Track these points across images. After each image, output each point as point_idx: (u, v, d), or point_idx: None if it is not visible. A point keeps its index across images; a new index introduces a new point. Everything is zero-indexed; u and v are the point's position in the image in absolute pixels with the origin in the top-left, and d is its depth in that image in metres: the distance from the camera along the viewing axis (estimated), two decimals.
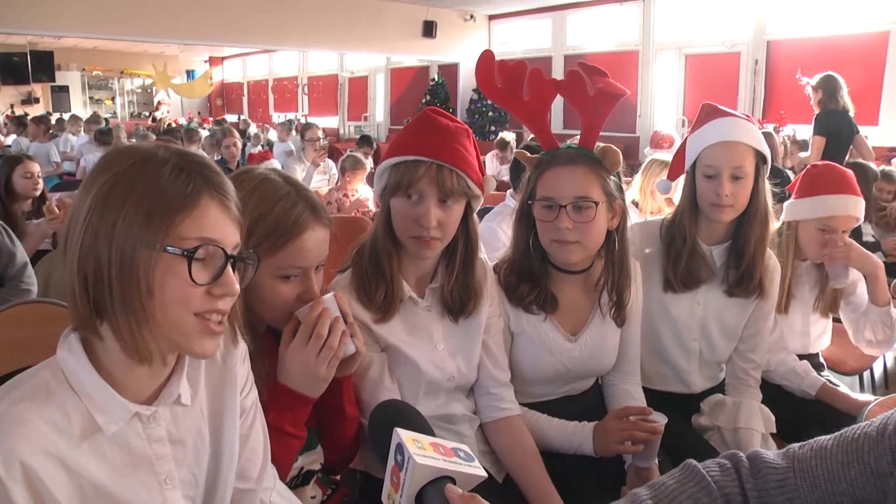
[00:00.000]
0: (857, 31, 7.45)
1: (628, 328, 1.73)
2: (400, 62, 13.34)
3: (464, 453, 0.94)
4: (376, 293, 1.42)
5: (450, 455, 0.92)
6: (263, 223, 1.19)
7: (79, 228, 0.85)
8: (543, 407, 1.67)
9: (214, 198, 0.89)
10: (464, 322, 1.53)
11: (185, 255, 0.85)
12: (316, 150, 6.11)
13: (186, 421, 0.99)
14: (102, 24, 8.49)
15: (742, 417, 1.81)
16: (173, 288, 0.86)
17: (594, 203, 1.51)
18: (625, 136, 9.26)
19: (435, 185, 1.36)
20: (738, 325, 1.90)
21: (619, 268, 1.62)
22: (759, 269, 1.81)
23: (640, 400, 1.75)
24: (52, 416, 0.86)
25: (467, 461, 0.93)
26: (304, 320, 1.18)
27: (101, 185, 0.85)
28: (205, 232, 0.87)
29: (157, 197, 0.85)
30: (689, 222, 1.81)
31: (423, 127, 1.41)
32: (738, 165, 1.72)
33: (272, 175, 1.28)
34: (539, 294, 1.62)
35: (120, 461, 0.91)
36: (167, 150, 0.90)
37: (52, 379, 0.88)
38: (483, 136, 10.67)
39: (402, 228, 1.40)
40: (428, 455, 0.89)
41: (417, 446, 0.89)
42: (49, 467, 0.84)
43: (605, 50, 10.07)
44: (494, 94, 1.58)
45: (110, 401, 0.89)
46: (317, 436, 1.35)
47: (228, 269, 0.90)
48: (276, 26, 9.76)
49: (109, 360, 0.90)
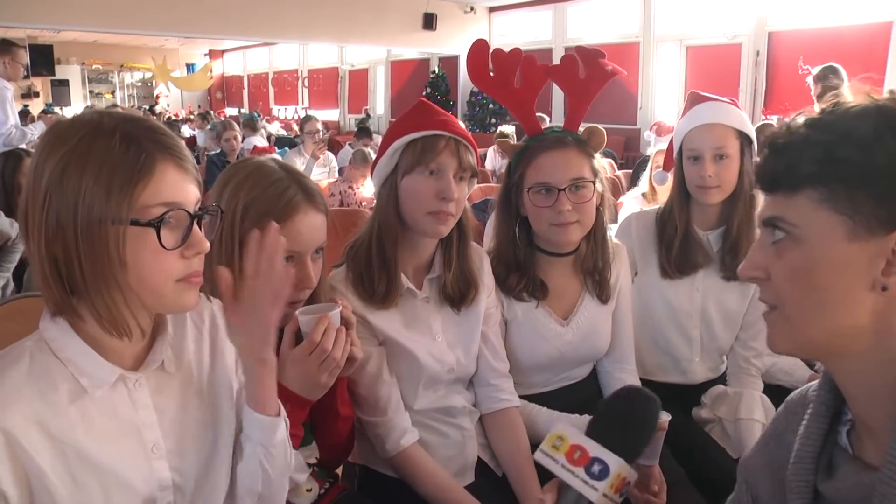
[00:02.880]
0: (860, 22, 7.42)
1: (618, 311, 1.74)
2: (400, 55, 13.30)
3: (598, 466, 0.94)
4: (378, 284, 1.42)
5: (580, 464, 0.94)
6: (255, 206, 1.20)
7: (38, 215, 0.85)
8: (542, 398, 1.67)
9: (169, 160, 0.88)
10: (464, 312, 1.53)
11: (154, 225, 0.86)
12: (315, 143, 6.10)
13: (170, 389, 0.99)
14: (102, 17, 8.46)
15: (743, 408, 1.81)
16: (147, 258, 0.86)
17: (590, 182, 1.55)
18: (625, 127, 9.24)
19: (456, 159, 1.39)
20: (739, 312, 1.90)
21: (601, 245, 1.66)
22: (746, 249, 1.80)
23: None
24: (38, 383, 0.86)
25: (595, 477, 0.93)
26: (309, 334, 1.18)
27: (53, 168, 0.84)
28: (166, 197, 0.87)
29: (112, 170, 0.84)
30: (679, 208, 1.83)
31: (430, 110, 1.44)
32: (719, 146, 1.74)
33: (268, 162, 1.28)
34: (528, 281, 1.63)
35: (107, 428, 0.91)
36: (111, 118, 0.88)
37: (35, 348, 0.89)
38: (484, 129, 10.65)
39: (419, 204, 1.39)
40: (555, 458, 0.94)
41: (553, 446, 0.95)
42: (31, 434, 0.84)
43: (606, 41, 10.00)
44: (486, 84, 1.60)
45: (94, 364, 0.89)
46: (311, 432, 1.36)
47: (195, 228, 0.91)
48: (276, 19, 9.73)
49: (91, 332, 0.90)
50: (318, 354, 1.17)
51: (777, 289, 0.82)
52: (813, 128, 0.79)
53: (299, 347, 1.19)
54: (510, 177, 1.63)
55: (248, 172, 1.24)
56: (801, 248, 0.79)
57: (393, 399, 1.44)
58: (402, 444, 1.43)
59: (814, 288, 0.78)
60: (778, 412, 1.02)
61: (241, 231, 1.19)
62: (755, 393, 1.86)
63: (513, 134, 7.22)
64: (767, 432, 1.03)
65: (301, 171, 1.35)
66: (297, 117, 12.13)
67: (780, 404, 1.85)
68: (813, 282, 0.78)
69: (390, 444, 1.43)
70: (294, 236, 1.21)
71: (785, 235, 0.80)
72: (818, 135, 0.78)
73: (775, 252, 0.81)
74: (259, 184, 1.22)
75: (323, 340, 1.17)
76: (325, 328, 1.18)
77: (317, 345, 1.17)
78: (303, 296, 1.26)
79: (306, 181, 1.28)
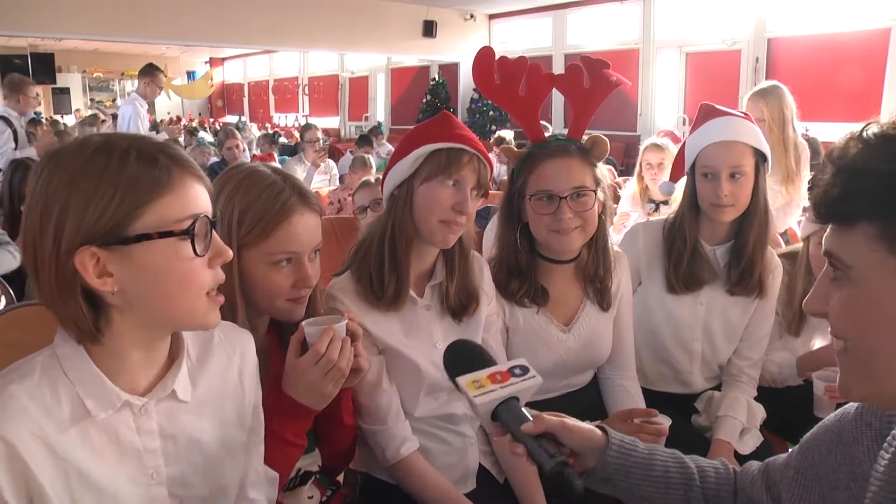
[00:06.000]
0: (858, 29, 7.43)
1: (619, 318, 1.74)
2: (400, 62, 13.33)
3: (519, 369, 1.03)
4: (388, 286, 1.42)
5: (506, 378, 1.01)
6: (252, 211, 1.20)
7: (49, 246, 0.84)
8: (544, 405, 1.65)
9: (188, 171, 0.89)
10: (465, 321, 1.53)
11: (188, 233, 0.87)
12: (316, 151, 6.10)
13: (183, 417, 0.98)
14: (103, 26, 8.49)
15: (723, 406, 1.81)
16: (180, 269, 0.87)
17: (592, 191, 1.55)
18: (626, 134, 9.25)
19: (476, 175, 1.40)
20: (741, 326, 1.89)
21: (602, 253, 1.66)
22: (759, 266, 1.80)
23: (636, 396, 1.75)
24: (44, 399, 0.86)
25: (522, 376, 1.02)
26: (315, 344, 1.18)
27: (68, 186, 0.83)
28: (193, 208, 0.88)
29: (134, 187, 0.84)
30: (689, 223, 1.81)
31: (455, 123, 1.45)
32: (736, 165, 1.72)
33: (261, 167, 1.29)
34: (529, 287, 1.64)
35: (107, 450, 0.91)
36: (121, 137, 0.88)
37: (47, 363, 0.89)
38: (484, 136, 10.65)
39: (434, 212, 1.40)
40: (487, 390, 0.99)
41: (476, 386, 1.00)
42: (34, 449, 0.84)
43: (606, 48, 10.04)
44: (491, 91, 1.60)
45: (101, 387, 0.89)
46: (315, 439, 1.36)
47: (215, 234, 0.92)
48: (277, 27, 9.75)
49: (104, 351, 0.90)
50: (324, 365, 1.17)
51: (838, 327, 0.76)
52: (874, 151, 0.70)
53: (304, 357, 1.19)
54: (513, 183, 1.63)
55: (242, 178, 1.24)
56: (857, 290, 0.72)
57: (393, 408, 1.44)
58: (402, 453, 1.43)
59: (874, 331, 0.71)
60: (845, 418, 0.91)
61: (239, 236, 1.19)
62: (740, 395, 1.85)
63: (511, 139, 7.24)
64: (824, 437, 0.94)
65: (302, 179, 1.36)
66: (298, 125, 12.14)
67: (776, 403, 1.87)
68: (874, 325, 0.71)
69: (390, 452, 1.43)
70: (292, 238, 1.22)
71: (842, 275, 0.74)
72: (878, 163, 0.69)
73: (836, 288, 0.75)
74: (253, 188, 1.22)
75: (328, 351, 1.17)
76: (331, 339, 1.18)
77: (322, 355, 1.17)
78: (303, 293, 1.27)
79: (299, 183, 1.28)
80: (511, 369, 1.03)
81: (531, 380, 1.02)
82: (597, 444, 1.03)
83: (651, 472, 1.04)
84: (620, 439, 1.05)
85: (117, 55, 17.07)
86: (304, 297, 1.27)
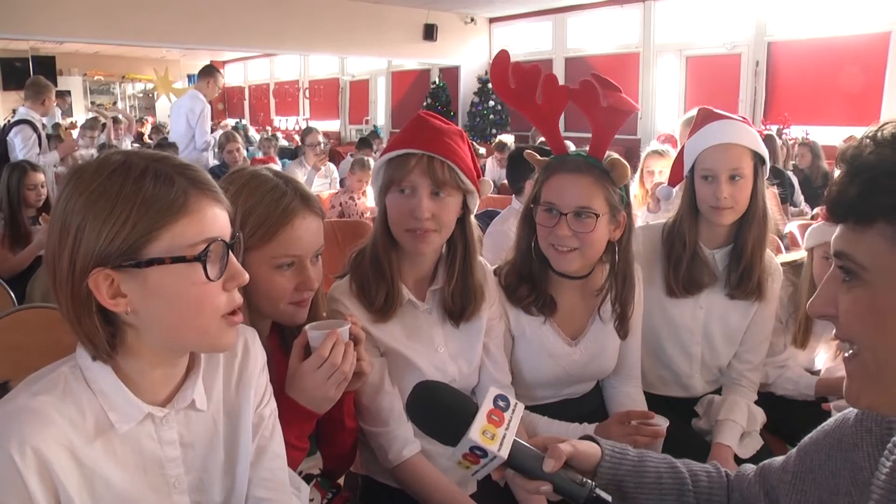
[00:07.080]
0: (858, 32, 7.44)
1: (630, 335, 1.73)
2: (401, 65, 13.33)
3: (501, 400, 0.97)
4: (377, 295, 1.42)
5: (501, 415, 0.95)
6: (254, 215, 1.21)
7: (66, 265, 0.84)
8: (544, 410, 1.67)
9: (205, 194, 0.89)
10: (465, 326, 1.53)
11: (200, 259, 0.86)
12: (316, 155, 6.11)
13: (199, 425, 0.99)
14: (104, 29, 8.50)
15: (723, 410, 1.81)
16: (194, 294, 0.87)
17: (595, 214, 1.51)
18: (626, 137, 9.25)
19: (427, 177, 1.37)
20: (740, 329, 1.90)
21: (623, 280, 1.63)
22: (758, 270, 1.81)
23: (640, 402, 1.75)
24: (69, 411, 0.87)
25: (508, 408, 0.97)
26: (318, 348, 1.19)
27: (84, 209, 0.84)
28: (208, 232, 0.88)
29: (148, 209, 0.84)
30: (689, 226, 1.81)
31: (415, 126, 1.44)
32: (735, 167, 1.72)
33: (263, 171, 1.29)
34: (538, 296, 1.63)
35: (130, 461, 0.91)
36: (139, 157, 0.88)
37: (70, 375, 0.90)
38: (484, 139, 10.66)
39: (397, 223, 1.40)
40: (500, 437, 0.93)
41: (489, 437, 0.92)
42: (62, 459, 0.84)
43: (606, 52, 10.06)
44: (508, 95, 1.58)
45: (124, 400, 0.90)
46: (316, 443, 1.36)
47: (232, 257, 0.91)
48: (277, 30, 9.76)
49: (125, 364, 0.91)
50: (327, 369, 1.18)
51: (847, 331, 0.74)
52: (891, 151, 0.69)
53: (308, 361, 1.20)
54: (532, 190, 1.63)
55: (244, 182, 1.25)
56: (871, 292, 0.70)
57: (395, 410, 1.44)
58: (404, 455, 1.43)
59: (889, 334, 0.69)
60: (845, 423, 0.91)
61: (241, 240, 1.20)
62: (740, 399, 1.85)
63: (511, 144, 7.25)
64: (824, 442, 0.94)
65: (302, 182, 1.36)
66: (299, 128, 12.14)
67: (786, 414, 1.87)
68: (888, 329, 0.69)
69: (392, 454, 1.43)
70: (294, 241, 1.23)
71: (854, 276, 0.72)
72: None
73: (847, 289, 0.73)
74: (256, 192, 1.23)
75: (332, 355, 1.18)
76: (334, 343, 1.19)
77: (325, 359, 1.18)
78: (306, 296, 1.27)
79: (301, 187, 1.29)
80: (496, 404, 0.97)
81: (517, 408, 0.99)
82: (595, 459, 1.03)
83: (643, 479, 1.04)
84: (612, 448, 1.05)
85: (118, 58, 17.08)
86: (306, 300, 1.27)
